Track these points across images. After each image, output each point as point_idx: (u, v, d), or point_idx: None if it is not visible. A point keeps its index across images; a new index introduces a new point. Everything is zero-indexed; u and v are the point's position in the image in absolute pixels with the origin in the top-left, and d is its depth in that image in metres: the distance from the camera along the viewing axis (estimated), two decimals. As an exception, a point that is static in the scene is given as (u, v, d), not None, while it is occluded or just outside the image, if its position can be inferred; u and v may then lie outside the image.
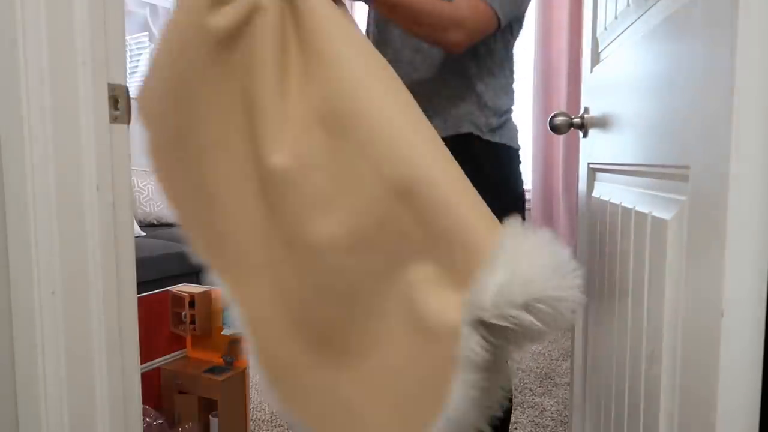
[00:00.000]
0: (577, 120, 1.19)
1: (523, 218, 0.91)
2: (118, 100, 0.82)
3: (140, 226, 3.44)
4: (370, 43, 0.85)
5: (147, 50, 3.98)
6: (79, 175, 0.78)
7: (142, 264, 3.04)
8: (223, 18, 0.81)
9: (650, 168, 0.75)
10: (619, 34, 0.96)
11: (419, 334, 0.75)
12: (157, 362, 1.71)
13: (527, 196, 3.99)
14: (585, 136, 1.21)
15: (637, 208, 0.80)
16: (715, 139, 0.53)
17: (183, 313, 1.71)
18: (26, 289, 0.76)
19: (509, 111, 1.37)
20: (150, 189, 3.56)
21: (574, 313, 0.70)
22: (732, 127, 0.50)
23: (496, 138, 1.30)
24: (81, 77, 0.77)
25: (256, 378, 2.26)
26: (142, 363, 1.61)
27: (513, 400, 2.04)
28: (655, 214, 0.72)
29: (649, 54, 0.75)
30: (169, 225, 3.62)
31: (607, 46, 1.06)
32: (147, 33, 3.98)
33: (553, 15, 3.76)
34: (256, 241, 0.90)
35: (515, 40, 1.36)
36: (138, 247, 3.32)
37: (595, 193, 1.12)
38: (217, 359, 1.75)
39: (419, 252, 0.75)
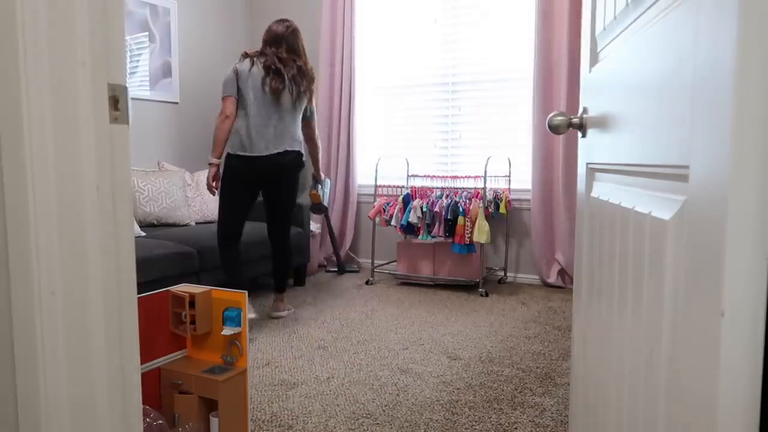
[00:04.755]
0: (575, 120, 1.19)
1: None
2: (118, 100, 0.82)
3: (140, 226, 3.44)
4: None
5: (147, 50, 3.99)
6: (79, 175, 0.78)
7: (142, 264, 3.03)
8: None
9: (650, 168, 0.75)
10: (618, 34, 0.96)
11: None
12: (157, 362, 1.71)
13: (527, 196, 4.00)
14: (584, 136, 1.21)
15: (636, 208, 0.80)
16: (715, 139, 0.53)
17: (183, 313, 1.71)
18: (26, 289, 0.76)
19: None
20: (150, 189, 3.56)
21: None
22: (732, 127, 0.50)
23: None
24: (81, 77, 0.77)
25: (256, 378, 2.27)
26: (142, 363, 1.61)
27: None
28: (654, 214, 0.72)
29: (648, 54, 0.75)
30: (169, 225, 3.62)
31: (606, 46, 1.06)
32: (147, 33, 3.98)
33: (553, 15, 3.76)
34: None
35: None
36: (138, 247, 3.32)
37: (594, 193, 1.12)
38: (217, 359, 1.75)
39: None
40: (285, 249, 3.08)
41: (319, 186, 3.39)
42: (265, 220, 3.10)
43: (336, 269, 4.38)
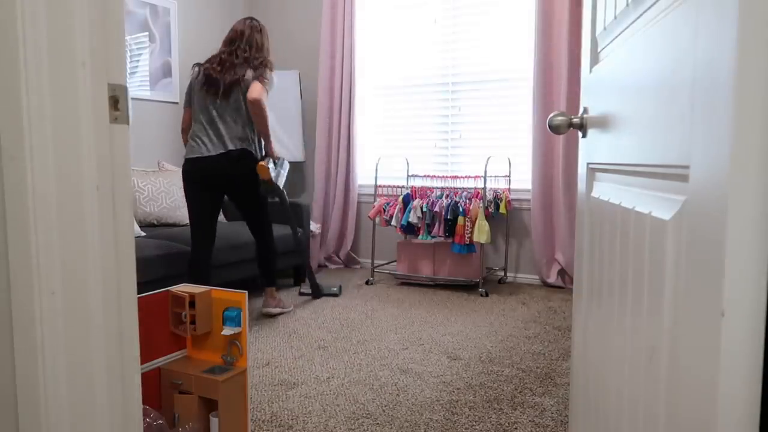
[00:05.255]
0: (576, 120, 1.19)
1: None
2: (118, 100, 0.82)
3: (140, 226, 3.44)
4: None
5: (147, 50, 3.98)
6: (79, 175, 0.78)
7: (142, 264, 3.03)
8: None
9: (650, 168, 0.75)
10: (619, 34, 0.96)
11: None
12: (157, 362, 1.71)
13: (527, 196, 3.99)
14: (584, 136, 1.21)
15: (636, 208, 0.80)
16: (715, 139, 0.53)
17: (183, 313, 1.71)
18: (26, 290, 0.76)
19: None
20: (150, 189, 3.56)
21: None
22: (732, 127, 0.50)
23: None
24: (81, 77, 0.77)
25: (256, 378, 2.27)
26: (142, 363, 1.61)
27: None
28: (654, 214, 0.72)
29: (648, 54, 0.75)
30: (169, 225, 3.62)
31: (606, 46, 1.06)
32: (147, 33, 3.98)
33: (553, 15, 3.76)
34: None
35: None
36: (138, 247, 3.32)
37: (594, 193, 1.13)
38: (217, 359, 1.75)
39: None
40: (265, 245, 3.10)
41: (270, 161, 2.97)
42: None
43: (310, 293, 3.59)
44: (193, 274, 2.91)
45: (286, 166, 3.13)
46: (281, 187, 3.09)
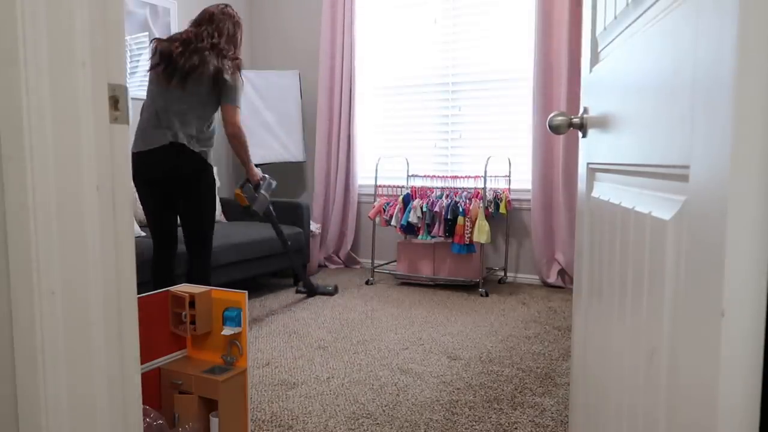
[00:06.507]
0: (576, 120, 1.19)
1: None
2: (118, 100, 0.82)
3: (140, 226, 3.43)
4: None
5: (147, 50, 3.98)
6: (79, 175, 0.78)
7: (142, 264, 3.02)
8: None
9: (650, 168, 0.75)
10: (619, 34, 0.96)
11: None
12: (157, 362, 1.71)
13: (527, 196, 3.99)
14: (584, 136, 1.21)
15: (636, 208, 0.80)
16: (715, 139, 0.53)
17: (183, 313, 1.71)
18: (26, 289, 0.76)
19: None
20: (150, 189, 3.55)
21: None
22: (732, 127, 0.50)
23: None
24: (81, 77, 0.77)
25: (256, 378, 2.27)
26: (142, 363, 1.61)
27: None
28: (654, 214, 0.72)
29: (648, 54, 0.75)
30: (169, 225, 3.61)
31: (606, 46, 1.06)
32: (147, 33, 3.98)
33: (553, 15, 3.76)
34: None
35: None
36: (138, 247, 3.30)
37: (594, 193, 1.12)
38: (217, 359, 1.75)
39: None
40: (199, 266, 2.61)
41: (249, 186, 2.90)
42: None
43: (305, 291, 3.68)
44: (156, 281, 2.60)
45: (272, 186, 2.98)
46: (268, 208, 3.03)
